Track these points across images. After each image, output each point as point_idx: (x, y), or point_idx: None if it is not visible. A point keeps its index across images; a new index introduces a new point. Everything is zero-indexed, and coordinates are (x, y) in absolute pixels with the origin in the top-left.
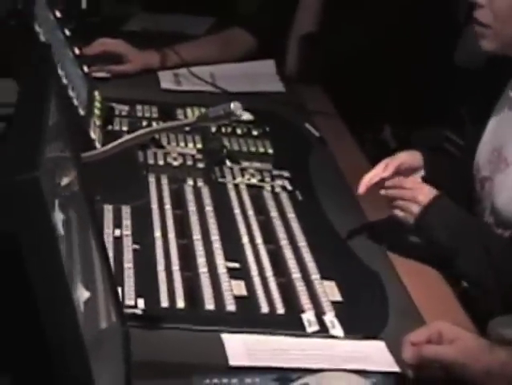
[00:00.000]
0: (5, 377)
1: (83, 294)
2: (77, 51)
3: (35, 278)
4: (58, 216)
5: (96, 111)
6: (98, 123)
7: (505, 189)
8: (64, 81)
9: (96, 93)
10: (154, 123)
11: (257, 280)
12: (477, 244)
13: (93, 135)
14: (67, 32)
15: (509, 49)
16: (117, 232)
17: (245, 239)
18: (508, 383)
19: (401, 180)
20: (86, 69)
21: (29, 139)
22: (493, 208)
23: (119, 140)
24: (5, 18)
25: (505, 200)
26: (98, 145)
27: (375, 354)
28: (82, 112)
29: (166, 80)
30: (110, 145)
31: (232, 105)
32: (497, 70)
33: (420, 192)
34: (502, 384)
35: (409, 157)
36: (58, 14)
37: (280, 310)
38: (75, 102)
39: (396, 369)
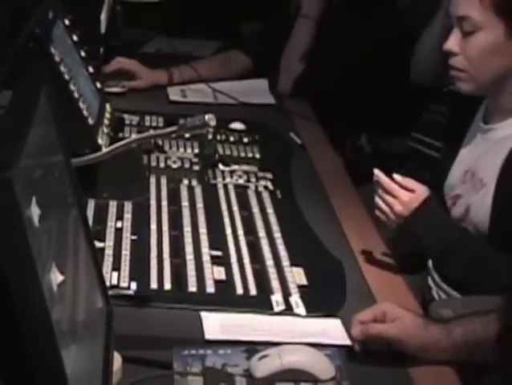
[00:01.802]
0: None
1: (55, 277)
2: (91, 70)
3: (7, 268)
4: (35, 211)
5: (106, 121)
6: (106, 131)
7: (483, 208)
8: (76, 95)
9: (107, 105)
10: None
11: (235, 266)
12: (463, 247)
13: (100, 141)
14: (83, 53)
15: (484, 90)
16: (119, 224)
17: (228, 231)
18: (440, 355)
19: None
20: (99, 85)
21: (5, 143)
22: (471, 220)
23: (113, 146)
24: (24, 41)
25: (484, 217)
26: (104, 150)
27: (332, 330)
28: (91, 122)
29: (174, 94)
30: (105, 150)
31: (206, 116)
32: (467, 102)
33: (404, 194)
34: (435, 356)
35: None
36: (75, 38)
37: (252, 291)
38: (85, 113)
39: (348, 342)
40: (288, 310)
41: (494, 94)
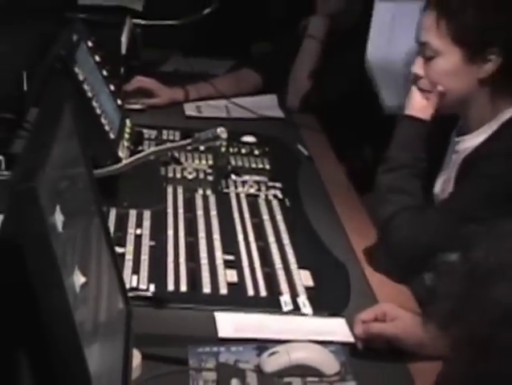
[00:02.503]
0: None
1: (78, 279)
2: (113, 88)
3: (33, 270)
4: (58, 217)
5: (126, 135)
6: (126, 144)
7: None
8: (98, 111)
9: (127, 121)
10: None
11: (246, 269)
12: None
13: (121, 154)
14: (105, 72)
15: (451, 109)
16: (138, 231)
17: (240, 237)
18: (438, 352)
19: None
20: (120, 102)
21: (31, 156)
22: None
23: (132, 158)
24: (51, 62)
25: None
26: (124, 162)
27: (336, 328)
28: (112, 136)
29: (190, 110)
30: (125, 161)
31: (218, 130)
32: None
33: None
34: (433, 352)
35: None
36: (97, 58)
37: (263, 292)
38: (107, 128)
39: (352, 340)
40: (296, 310)
41: (462, 112)
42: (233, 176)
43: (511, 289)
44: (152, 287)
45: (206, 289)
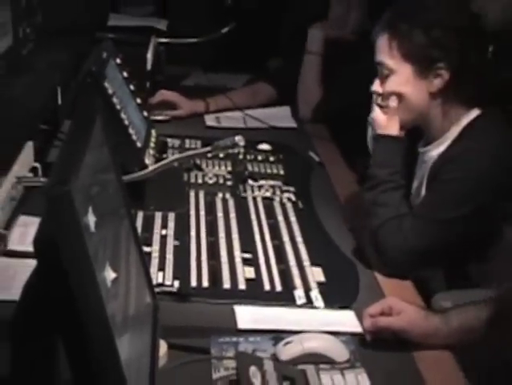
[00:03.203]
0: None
1: (109, 275)
2: (139, 101)
3: (67, 266)
4: (91, 218)
5: (151, 144)
6: (152, 152)
7: None
8: (126, 122)
9: (153, 131)
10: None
11: (263, 266)
12: None
13: (147, 161)
14: (132, 87)
15: (413, 123)
16: (163, 232)
17: (257, 236)
18: (440, 341)
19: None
20: (146, 113)
21: (65, 163)
22: None
23: (157, 165)
24: (83, 78)
25: None
26: (150, 168)
27: (346, 320)
28: (139, 145)
29: (210, 120)
30: (150, 168)
31: (236, 138)
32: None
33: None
34: (436, 342)
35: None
36: (125, 74)
37: (278, 287)
38: (134, 137)
39: (360, 330)
40: (308, 304)
41: (423, 124)
42: (250, 181)
43: None
44: (176, 283)
45: (226, 284)
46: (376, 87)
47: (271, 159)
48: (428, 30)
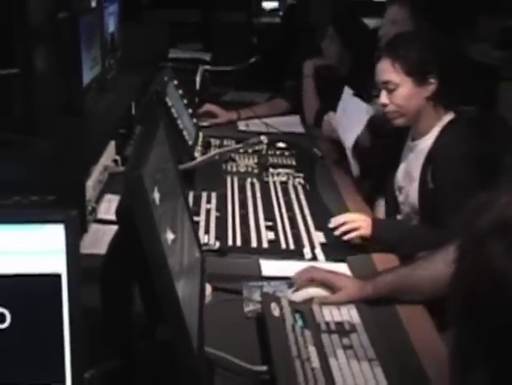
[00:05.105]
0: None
1: (169, 236)
2: (190, 111)
3: (140, 230)
4: (156, 195)
5: (199, 143)
6: (199, 148)
7: (414, 194)
8: (181, 126)
9: (200, 133)
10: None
11: (280, 231)
12: (410, 237)
13: (196, 155)
14: (185, 101)
15: (409, 122)
16: (208, 206)
17: (276, 210)
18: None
19: (343, 218)
20: (195, 121)
21: (138, 156)
22: (409, 203)
23: (203, 157)
24: (150, 95)
25: (415, 200)
26: (198, 159)
27: (340, 269)
28: (190, 143)
29: (241, 126)
30: (199, 159)
31: (261, 137)
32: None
33: (360, 220)
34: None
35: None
36: (180, 92)
37: (291, 246)
38: (187, 137)
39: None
40: (314, 258)
41: (415, 122)
42: (271, 170)
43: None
44: (217, 243)
45: (253, 244)
46: (383, 100)
47: (286, 153)
48: (421, 50)
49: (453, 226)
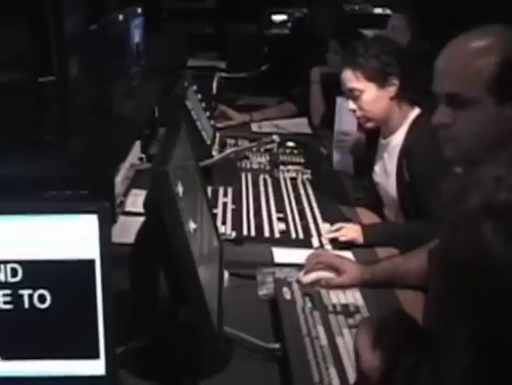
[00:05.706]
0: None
1: (191, 226)
2: (208, 114)
3: (166, 220)
4: (180, 189)
5: (216, 142)
6: (216, 147)
7: (392, 188)
8: (200, 127)
9: (217, 133)
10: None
11: (291, 222)
12: (401, 235)
13: (214, 153)
14: (203, 105)
15: (379, 123)
16: (224, 199)
17: (286, 202)
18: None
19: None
20: (212, 122)
21: (163, 153)
22: (388, 196)
23: (220, 155)
24: (172, 99)
25: (393, 194)
26: (216, 157)
27: (346, 256)
28: (208, 142)
29: (254, 127)
30: (216, 157)
31: (273, 137)
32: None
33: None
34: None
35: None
36: (199, 96)
37: (300, 236)
38: (205, 137)
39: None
40: (321, 247)
41: (384, 123)
42: (282, 167)
43: None
44: (233, 233)
45: (266, 234)
46: (352, 106)
47: (295, 152)
48: (378, 56)
49: (439, 213)
